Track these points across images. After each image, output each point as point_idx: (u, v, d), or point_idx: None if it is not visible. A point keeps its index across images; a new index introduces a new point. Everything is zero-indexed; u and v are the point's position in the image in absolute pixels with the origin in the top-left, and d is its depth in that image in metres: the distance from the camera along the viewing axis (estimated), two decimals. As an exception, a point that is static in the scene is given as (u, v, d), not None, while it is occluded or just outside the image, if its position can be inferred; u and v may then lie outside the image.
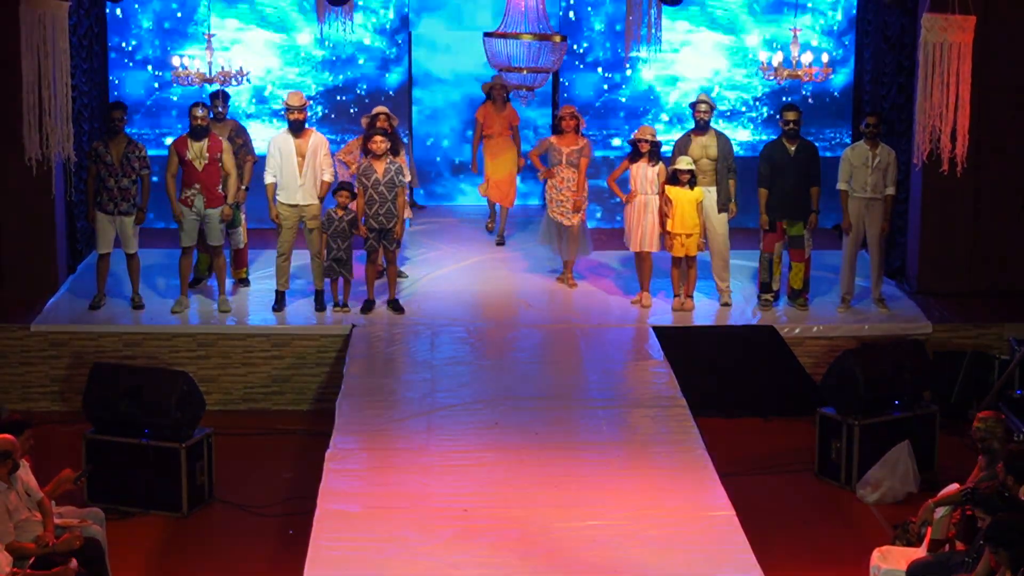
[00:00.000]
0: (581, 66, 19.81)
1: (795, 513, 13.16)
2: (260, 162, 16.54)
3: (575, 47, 19.54)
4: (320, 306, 16.08)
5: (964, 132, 13.90)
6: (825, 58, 14.46)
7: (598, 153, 19.00)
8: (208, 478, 13.28)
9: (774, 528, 12.54)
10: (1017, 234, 16.84)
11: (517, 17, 13.87)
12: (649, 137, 16.14)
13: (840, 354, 14.15)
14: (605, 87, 19.94)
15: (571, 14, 19.73)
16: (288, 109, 16.01)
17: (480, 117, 18.21)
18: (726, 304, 16.41)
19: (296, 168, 15.92)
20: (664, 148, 16.41)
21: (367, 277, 16.11)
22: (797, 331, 15.81)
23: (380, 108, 16.56)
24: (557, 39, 13.93)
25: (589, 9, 19.79)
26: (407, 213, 16.59)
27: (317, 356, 15.63)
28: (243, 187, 16.56)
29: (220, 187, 15.96)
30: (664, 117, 19.84)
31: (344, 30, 17.18)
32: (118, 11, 19.15)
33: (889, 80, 17.83)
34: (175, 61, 14.75)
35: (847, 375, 13.65)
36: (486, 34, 14.32)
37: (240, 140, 16.74)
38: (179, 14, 19.43)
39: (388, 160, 15.80)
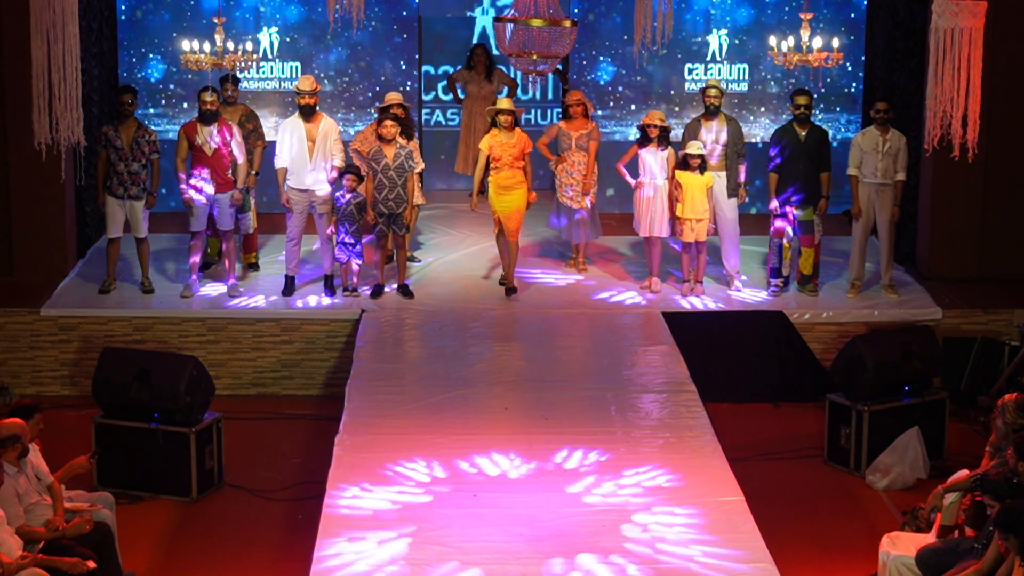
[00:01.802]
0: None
1: (804, 499, 13.16)
2: (270, 147, 16.56)
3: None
4: (329, 291, 16.09)
5: (975, 118, 13.87)
6: (836, 43, 14.41)
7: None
8: (217, 463, 13.30)
9: (783, 514, 12.55)
10: (1028, 220, 16.85)
11: (526, 0, 13.84)
12: (658, 122, 16.13)
13: (849, 340, 14.14)
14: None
15: None
16: (299, 93, 16.02)
17: (485, 148, 16.19)
18: (736, 289, 16.41)
19: (307, 153, 15.93)
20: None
21: (377, 262, 16.12)
22: (807, 316, 15.80)
23: (393, 96, 16.50)
24: (567, 23, 13.90)
25: None
26: (418, 199, 16.58)
27: (326, 341, 15.64)
28: (253, 172, 16.57)
29: (230, 172, 15.96)
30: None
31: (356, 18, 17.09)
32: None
33: (900, 65, 17.79)
34: (185, 46, 14.72)
35: (856, 361, 13.64)
36: (496, 18, 14.29)
37: (251, 125, 16.74)
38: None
39: (398, 145, 15.79)
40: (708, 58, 19.78)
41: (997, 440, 11.34)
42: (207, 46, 14.69)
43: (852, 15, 19.55)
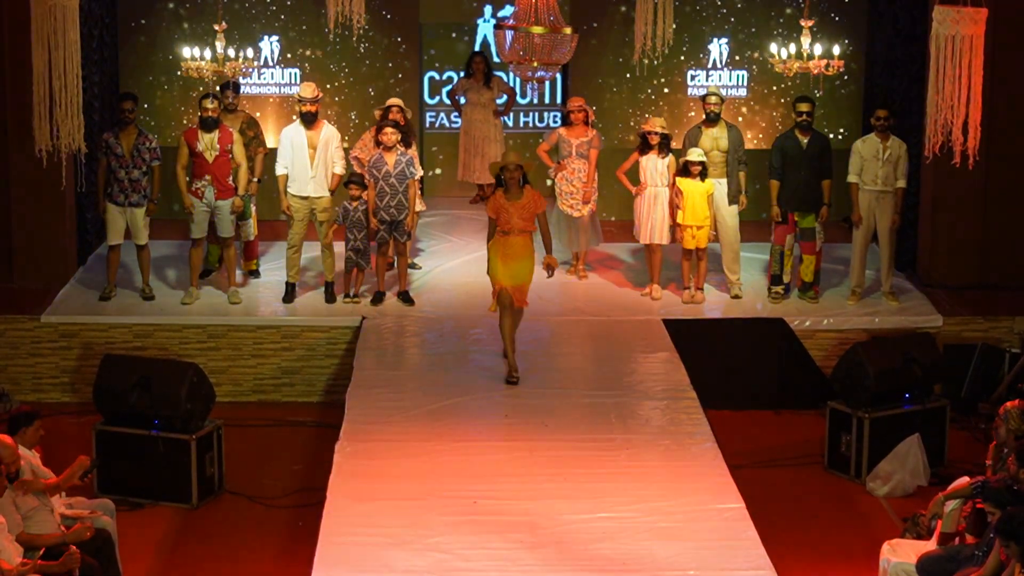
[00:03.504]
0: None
1: (805, 506, 13.16)
2: (272, 154, 16.56)
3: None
4: (330, 298, 16.09)
5: (976, 125, 13.87)
6: (837, 50, 14.41)
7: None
8: (218, 470, 13.30)
9: (784, 521, 12.55)
10: (1028, 227, 16.84)
11: (527, 8, 13.83)
12: (658, 129, 16.14)
13: (850, 347, 14.14)
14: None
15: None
16: (300, 100, 16.03)
17: (492, 213, 14.12)
18: (736, 296, 16.41)
19: (308, 160, 15.95)
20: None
21: (378, 269, 16.12)
22: (807, 324, 15.79)
23: (393, 100, 16.53)
24: (567, 31, 13.90)
25: None
26: (419, 205, 16.59)
27: (327, 348, 15.64)
28: (254, 179, 16.58)
29: (231, 179, 15.97)
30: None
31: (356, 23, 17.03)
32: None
33: (900, 72, 17.79)
34: (186, 53, 14.73)
35: (857, 368, 13.64)
36: (496, 26, 14.29)
37: (252, 132, 16.76)
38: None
39: (399, 152, 15.80)
40: (709, 65, 19.80)
41: (998, 448, 11.33)
42: (208, 53, 14.68)
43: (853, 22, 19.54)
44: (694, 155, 15.98)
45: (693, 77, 19.79)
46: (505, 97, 19.45)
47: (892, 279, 16.45)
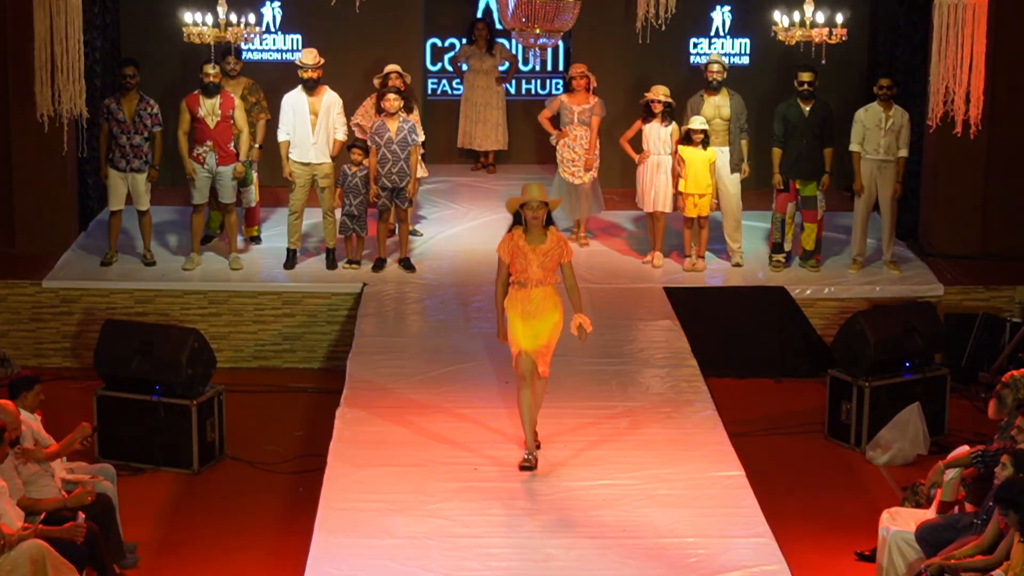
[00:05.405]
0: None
1: (805, 474, 13.18)
2: (273, 119, 16.53)
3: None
4: (331, 264, 16.09)
5: (978, 94, 13.85)
6: (840, 18, 14.37)
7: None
8: (219, 435, 13.32)
9: (784, 489, 12.57)
10: (1030, 196, 16.83)
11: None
12: (662, 97, 16.12)
13: (851, 315, 14.15)
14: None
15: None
16: (301, 67, 16.00)
17: (504, 255, 11.67)
18: (738, 264, 16.41)
19: (309, 126, 15.93)
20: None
21: (379, 235, 16.12)
22: (808, 292, 15.80)
23: (392, 66, 16.49)
24: (570, -1, 13.86)
25: None
26: (421, 171, 16.57)
27: (328, 314, 15.65)
28: (256, 145, 16.55)
29: (232, 144, 15.95)
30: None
31: None
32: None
33: (903, 41, 17.75)
34: (187, 18, 14.68)
35: (858, 337, 13.65)
36: (498, -8, 14.24)
37: (253, 98, 16.72)
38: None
39: (401, 118, 15.78)
40: (712, 33, 19.74)
41: (998, 416, 11.32)
42: (209, 18, 14.63)
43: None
44: (696, 123, 15.97)
45: (696, 45, 19.74)
46: (507, 64, 19.42)
47: (893, 248, 16.45)
